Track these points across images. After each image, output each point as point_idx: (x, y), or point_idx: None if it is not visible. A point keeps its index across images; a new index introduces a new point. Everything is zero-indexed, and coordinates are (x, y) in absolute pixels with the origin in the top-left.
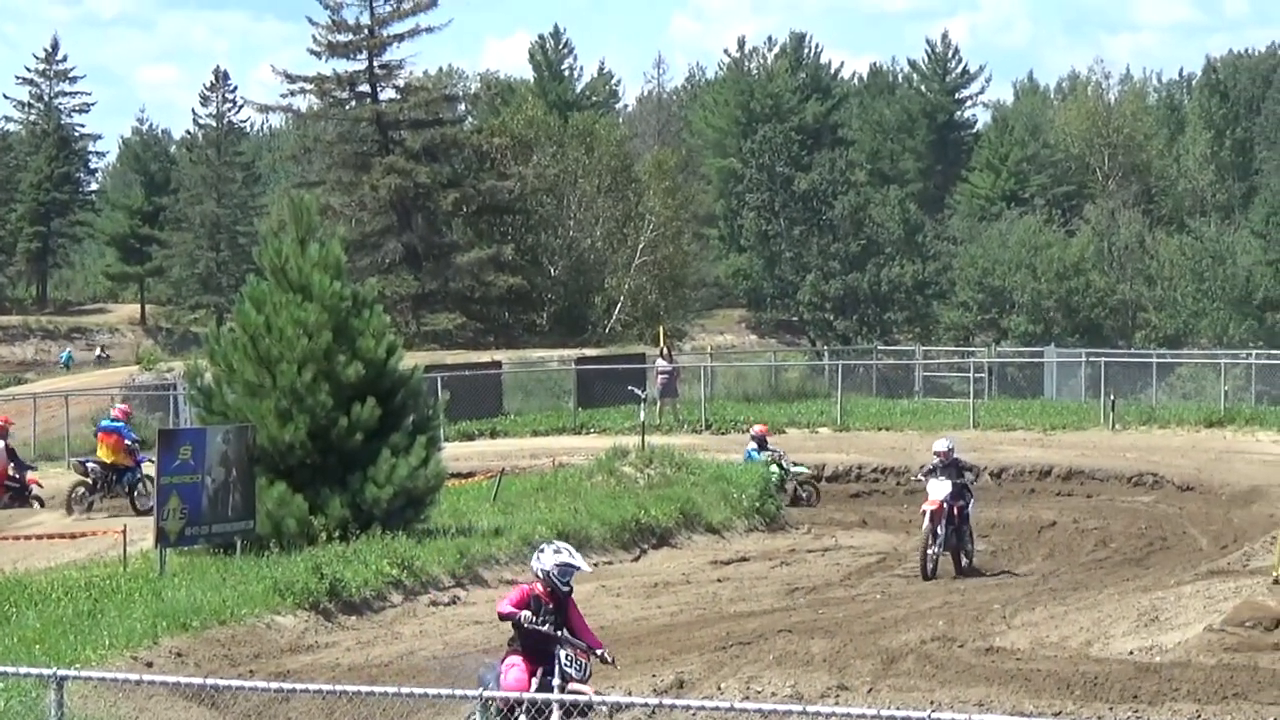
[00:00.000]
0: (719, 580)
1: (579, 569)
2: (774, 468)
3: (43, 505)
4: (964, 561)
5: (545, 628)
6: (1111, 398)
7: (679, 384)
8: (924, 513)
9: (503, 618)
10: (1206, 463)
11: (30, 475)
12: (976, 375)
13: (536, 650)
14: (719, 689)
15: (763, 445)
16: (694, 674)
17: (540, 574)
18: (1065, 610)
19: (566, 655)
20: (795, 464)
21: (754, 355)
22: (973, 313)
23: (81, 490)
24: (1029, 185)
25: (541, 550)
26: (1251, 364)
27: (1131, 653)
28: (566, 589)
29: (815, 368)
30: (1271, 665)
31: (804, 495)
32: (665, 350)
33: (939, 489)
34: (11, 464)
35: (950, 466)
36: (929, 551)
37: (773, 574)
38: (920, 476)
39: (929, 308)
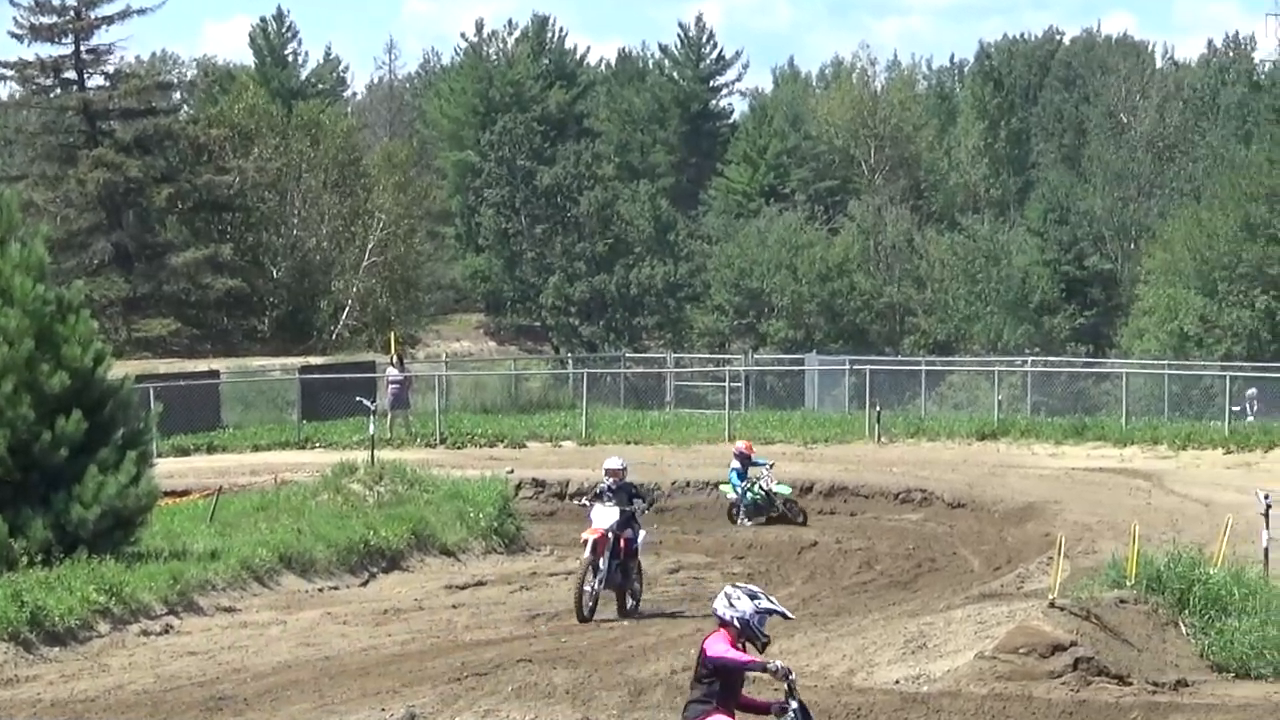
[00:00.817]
0: (454, 606)
1: (781, 614)
2: (754, 490)
3: None
4: (629, 603)
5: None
6: (877, 408)
7: (411, 394)
8: (584, 541)
9: (720, 661)
10: (979, 478)
11: None
12: (733, 385)
13: (729, 701)
14: None
15: (747, 464)
16: (427, 708)
17: (737, 621)
18: (827, 637)
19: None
20: (778, 483)
21: (493, 363)
22: (729, 317)
23: None
24: (789, 180)
25: (735, 596)
26: (1027, 371)
27: (898, 682)
28: (765, 639)
29: (559, 376)
30: (1046, 695)
31: (791, 513)
32: (396, 358)
33: (604, 516)
34: None
35: (621, 490)
36: (586, 588)
37: (512, 599)
38: (585, 501)
39: (681, 312)
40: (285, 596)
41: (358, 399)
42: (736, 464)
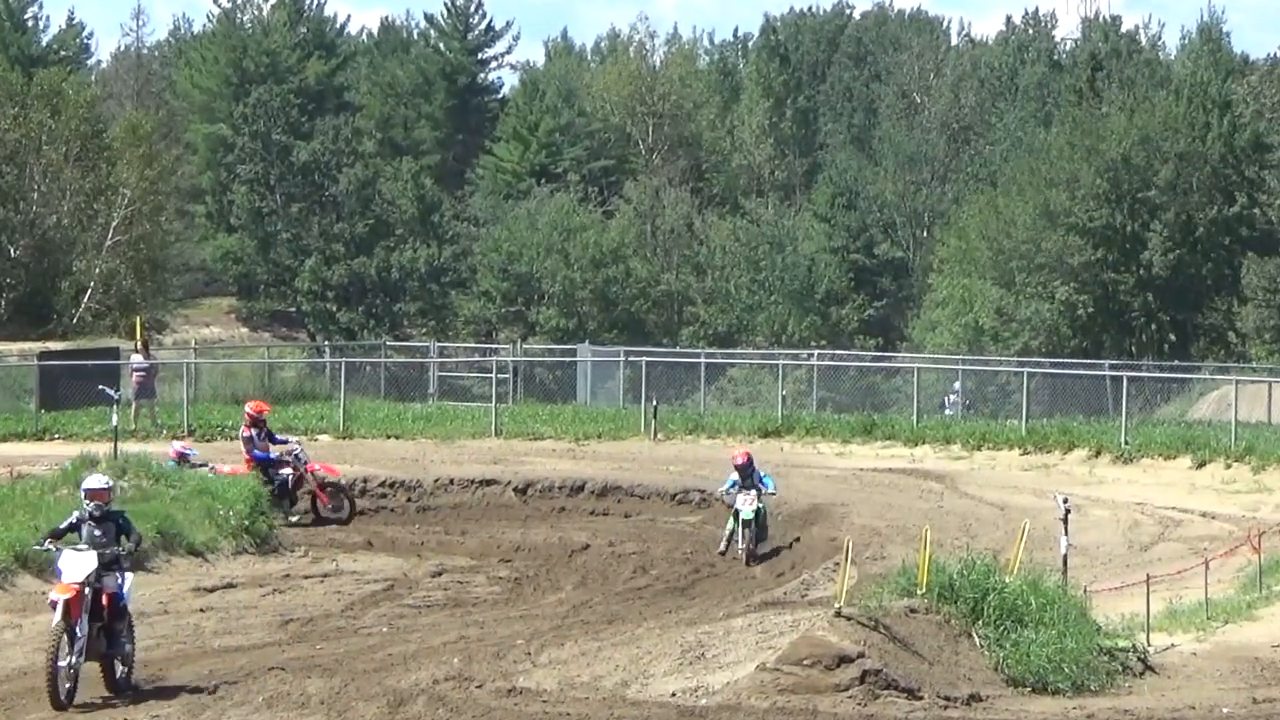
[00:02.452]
0: (202, 610)
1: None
2: (748, 508)
3: None
4: (119, 671)
5: None
6: (654, 403)
7: (158, 383)
8: (52, 603)
9: None
10: None
11: None
12: (500, 376)
13: None
14: None
15: (747, 476)
16: (172, 717)
17: None
18: (599, 646)
19: None
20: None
21: (245, 351)
22: (496, 304)
23: None
24: (562, 159)
25: None
26: (813, 365)
27: (674, 694)
28: None
29: (315, 366)
30: (832, 709)
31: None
32: (142, 344)
33: (77, 565)
34: None
35: (108, 520)
36: (62, 664)
37: (264, 603)
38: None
39: (446, 298)
40: (21, 599)
41: (100, 388)
42: (735, 476)
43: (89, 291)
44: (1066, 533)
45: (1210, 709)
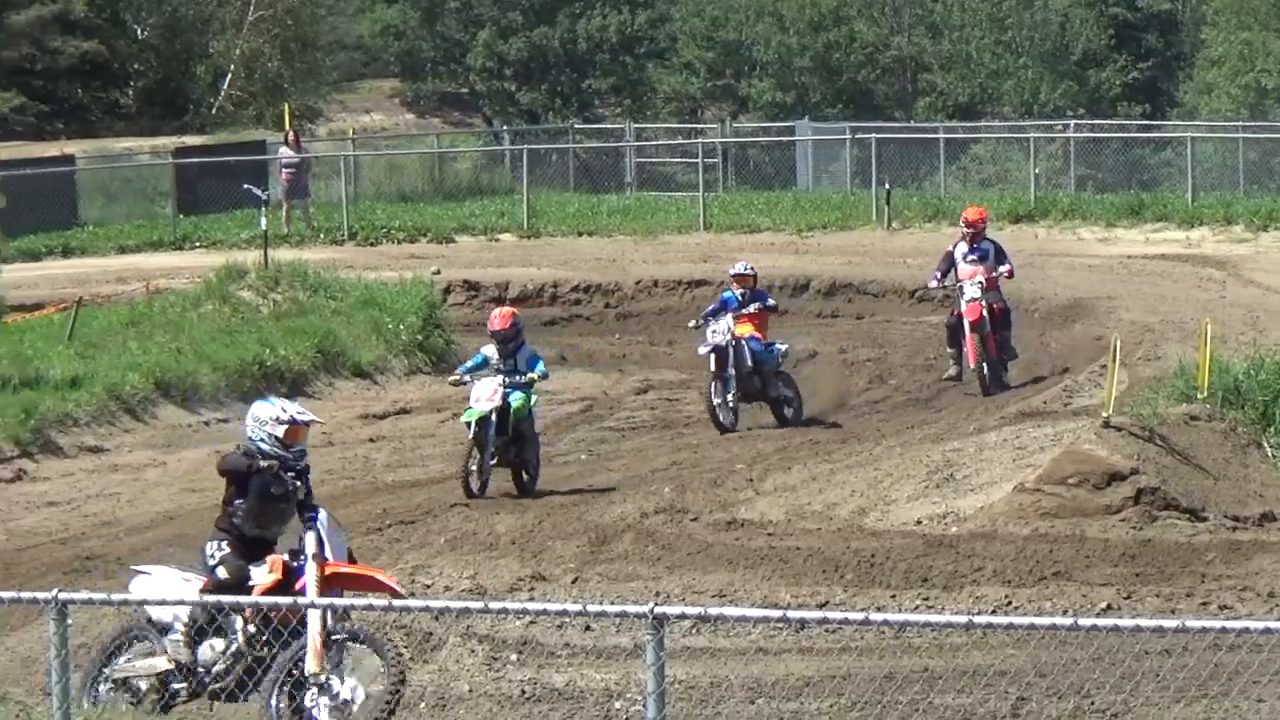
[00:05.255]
0: (371, 440)
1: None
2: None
3: None
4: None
5: None
6: (887, 187)
7: (311, 180)
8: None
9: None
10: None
11: None
12: (708, 160)
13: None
14: None
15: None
16: None
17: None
18: (831, 469)
19: None
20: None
21: (411, 140)
22: (700, 78)
23: None
24: None
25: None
26: (1070, 138)
27: (919, 522)
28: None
29: (493, 155)
30: (1102, 534)
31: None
32: (292, 136)
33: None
34: None
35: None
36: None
37: (442, 431)
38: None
39: (642, 72)
40: (163, 432)
41: (245, 187)
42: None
43: (229, 77)
44: None
45: None
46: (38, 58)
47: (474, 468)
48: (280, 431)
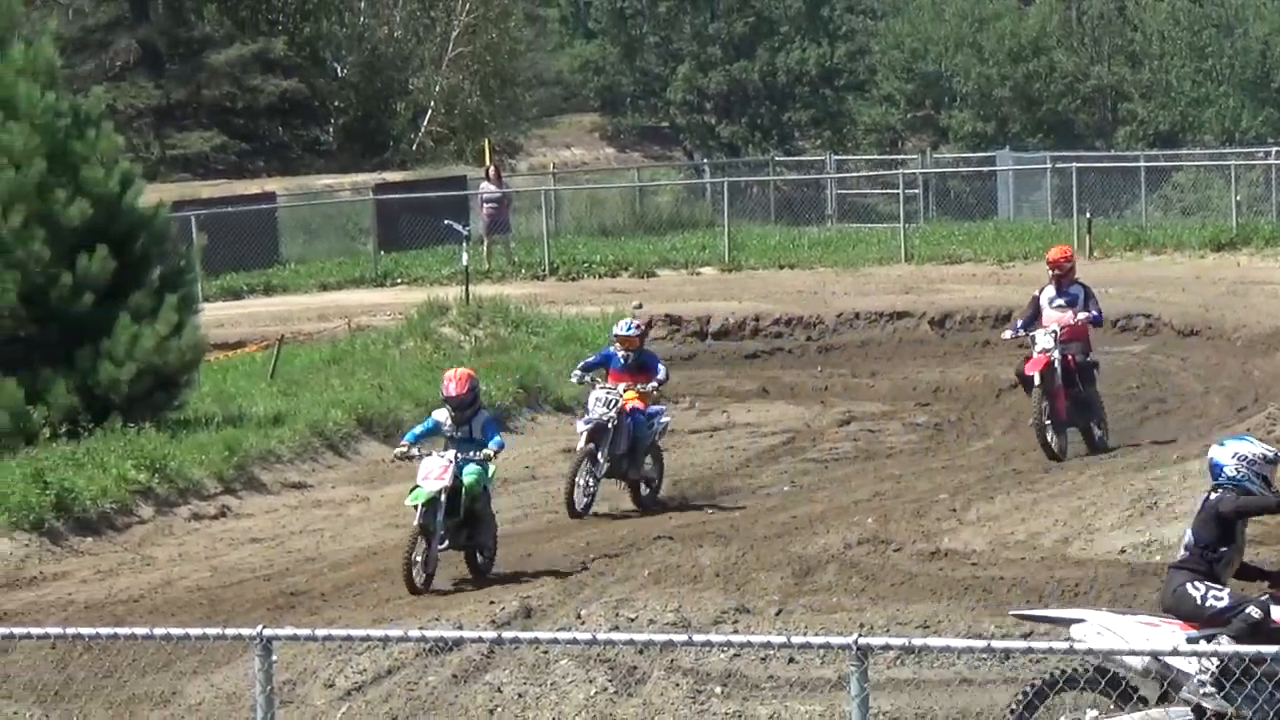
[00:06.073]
0: None
1: None
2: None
3: None
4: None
5: None
6: (1088, 216)
7: (512, 215)
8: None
9: None
10: (1215, 298)
11: None
12: (908, 191)
13: None
14: (578, 617)
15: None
16: (545, 598)
17: None
18: (1035, 498)
19: None
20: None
21: (612, 174)
22: (900, 109)
23: None
24: None
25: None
26: (1271, 165)
27: (1123, 550)
28: None
29: (694, 188)
30: None
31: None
32: (493, 171)
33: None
34: None
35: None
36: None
37: None
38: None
39: (842, 104)
40: (366, 468)
41: (446, 223)
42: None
43: (429, 113)
44: None
45: None
46: (238, 96)
47: (418, 559)
48: (1268, 471)
